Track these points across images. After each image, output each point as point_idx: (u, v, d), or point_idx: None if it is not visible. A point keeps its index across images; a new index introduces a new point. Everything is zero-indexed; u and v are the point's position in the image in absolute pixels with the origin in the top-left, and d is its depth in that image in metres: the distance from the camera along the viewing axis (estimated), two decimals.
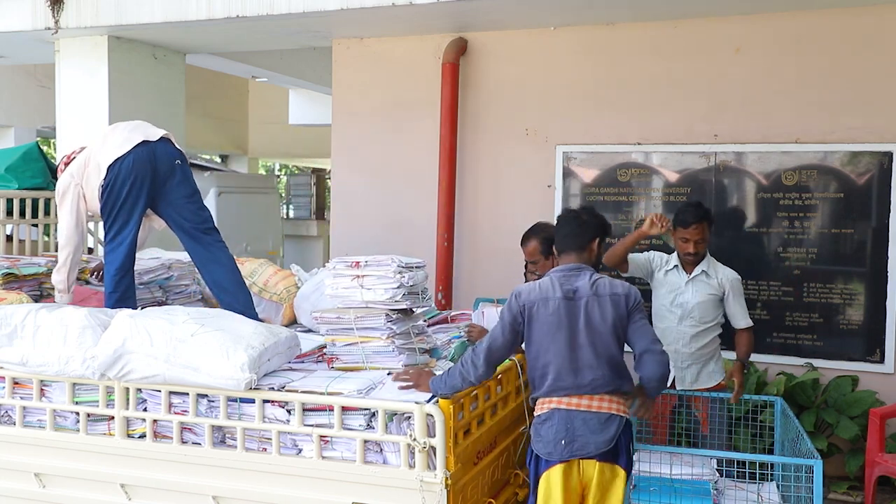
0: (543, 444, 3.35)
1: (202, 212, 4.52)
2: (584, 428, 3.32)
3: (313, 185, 10.86)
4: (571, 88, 6.27)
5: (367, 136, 6.87)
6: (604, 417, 3.34)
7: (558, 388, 3.36)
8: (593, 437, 3.31)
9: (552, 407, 3.37)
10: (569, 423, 3.33)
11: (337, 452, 3.33)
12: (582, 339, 3.38)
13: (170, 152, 4.41)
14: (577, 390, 3.35)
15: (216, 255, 4.49)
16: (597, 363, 3.37)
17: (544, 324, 3.40)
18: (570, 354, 3.37)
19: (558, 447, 3.31)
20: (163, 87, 7.50)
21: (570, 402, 3.35)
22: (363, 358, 3.69)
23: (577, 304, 3.41)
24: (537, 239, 4.44)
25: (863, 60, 5.59)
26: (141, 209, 4.34)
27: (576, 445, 3.30)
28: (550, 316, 3.39)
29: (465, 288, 6.48)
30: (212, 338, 3.45)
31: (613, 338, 3.42)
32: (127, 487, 3.59)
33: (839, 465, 5.47)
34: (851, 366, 5.67)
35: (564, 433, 3.31)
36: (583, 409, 3.34)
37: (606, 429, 3.33)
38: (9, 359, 3.70)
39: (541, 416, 3.41)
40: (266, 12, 6.06)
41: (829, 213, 5.71)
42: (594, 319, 3.40)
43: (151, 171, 4.32)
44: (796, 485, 3.71)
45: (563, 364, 3.37)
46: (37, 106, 10.30)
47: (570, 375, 3.36)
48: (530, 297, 3.43)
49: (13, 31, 6.91)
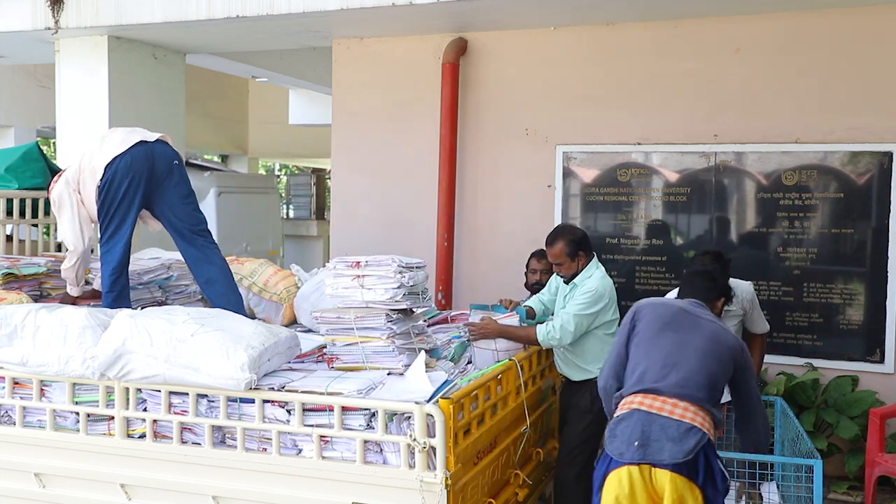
0: (616, 444, 3.22)
1: (197, 213, 4.54)
2: (662, 433, 3.16)
3: (313, 185, 10.86)
4: (571, 88, 6.27)
5: (367, 136, 6.87)
6: (684, 427, 3.16)
7: (643, 384, 3.30)
8: (669, 445, 3.13)
9: (632, 407, 3.27)
10: (646, 425, 3.19)
11: (337, 452, 3.33)
12: (694, 343, 3.36)
13: (167, 153, 4.43)
14: (662, 391, 3.24)
15: (208, 255, 4.51)
16: (697, 368, 3.29)
17: (653, 320, 3.45)
18: (675, 354, 3.32)
19: (630, 448, 3.17)
20: (163, 87, 7.50)
21: (652, 404, 3.24)
22: (363, 358, 3.69)
23: (698, 320, 3.47)
24: (563, 241, 4.38)
25: (863, 60, 5.59)
26: (137, 208, 4.35)
27: (650, 450, 3.14)
28: (662, 316, 3.45)
29: (465, 288, 6.49)
30: (212, 338, 3.45)
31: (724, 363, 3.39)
32: (127, 487, 3.59)
33: (839, 465, 5.47)
34: (851, 366, 5.67)
35: (640, 435, 3.17)
36: (664, 413, 3.19)
37: (685, 439, 3.13)
38: (9, 359, 3.70)
39: (620, 416, 3.30)
40: (266, 12, 6.06)
41: (829, 213, 5.71)
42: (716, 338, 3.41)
43: (148, 171, 4.33)
44: (796, 485, 3.71)
45: (659, 360, 3.33)
46: (37, 106, 10.30)
47: (659, 374, 3.29)
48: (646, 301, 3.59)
49: (13, 31, 6.91)
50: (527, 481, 3.98)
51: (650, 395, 3.26)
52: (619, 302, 4.85)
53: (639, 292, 6.01)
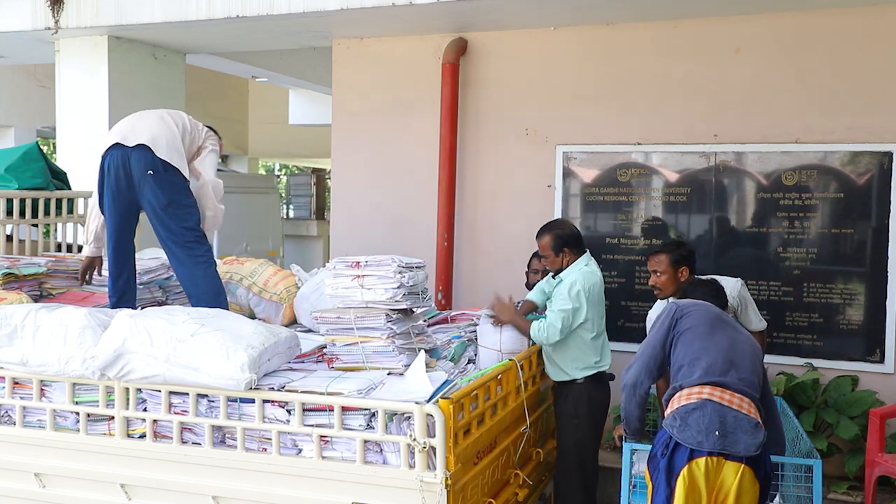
0: (693, 433, 3.20)
1: (182, 222, 4.31)
2: (736, 426, 3.22)
3: (313, 185, 10.86)
4: (571, 88, 6.27)
5: (367, 136, 6.87)
6: (753, 422, 3.26)
7: (711, 376, 3.32)
8: (744, 438, 3.20)
9: (703, 398, 3.27)
10: (722, 417, 3.22)
11: (337, 452, 3.33)
12: (741, 346, 3.46)
13: (144, 161, 4.22)
14: (731, 383, 3.31)
15: (192, 271, 4.36)
16: (751, 369, 3.40)
17: (702, 316, 3.51)
18: (731, 350, 3.40)
19: (711, 437, 3.18)
20: (163, 87, 7.50)
21: (724, 396, 3.27)
22: (363, 358, 3.69)
23: (735, 325, 3.64)
24: (550, 234, 4.44)
25: (863, 60, 5.59)
26: (113, 211, 4.30)
27: (727, 440, 3.19)
28: (709, 314, 3.53)
29: (465, 288, 6.48)
30: (212, 338, 3.45)
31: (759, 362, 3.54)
32: (127, 487, 3.59)
33: (839, 465, 5.46)
34: (851, 366, 5.66)
35: (718, 425, 3.20)
36: (734, 407, 3.26)
37: (756, 434, 3.23)
38: (9, 359, 3.70)
39: (688, 406, 3.27)
40: (266, 12, 6.06)
41: (829, 213, 5.71)
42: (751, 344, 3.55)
43: (123, 176, 4.24)
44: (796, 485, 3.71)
45: (720, 356, 3.37)
46: (37, 106, 10.31)
47: (725, 367, 3.34)
48: (687, 302, 3.67)
49: (13, 31, 6.91)
50: (527, 481, 3.98)
51: (719, 388, 3.31)
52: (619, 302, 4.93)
53: (638, 292, 6.01)
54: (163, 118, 4.45)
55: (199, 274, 4.35)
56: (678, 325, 3.53)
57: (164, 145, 4.30)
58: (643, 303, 5.95)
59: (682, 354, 3.45)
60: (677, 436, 3.24)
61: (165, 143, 4.31)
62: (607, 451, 5.22)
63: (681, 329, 3.51)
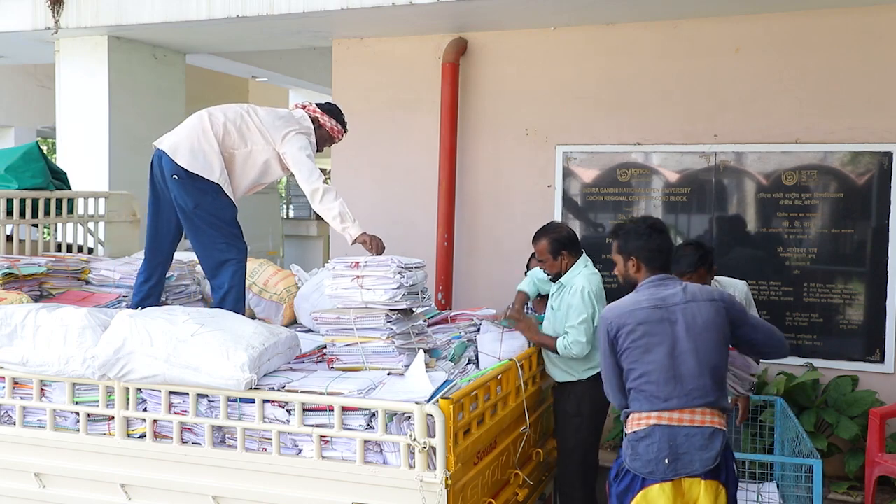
0: (643, 463, 3.17)
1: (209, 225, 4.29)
2: (688, 444, 3.14)
3: None
4: (571, 88, 6.27)
5: (367, 136, 6.87)
6: (707, 433, 3.16)
7: (657, 402, 3.19)
8: (699, 455, 3.13)
9: (651, 423, 3.19)
10: (671, 439, 3.15)
11: (337, 452, 3.33)
12: (682, 346, 3.21)
13: (168, 165, 4.24)
14: (677, 403, 3.17)
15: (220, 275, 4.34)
16: (698, 371, 3.19)
17: (635, 334, 3.23)
18: (670, 364, 3.19)
19: (661, 466, 3.13)
20: (163, 87, 7.50)
21: (672, 416, 3.17)
22: (363, 358, 3.68)
23: (671, 312, 3.25)
24: (547, 239, 4.41)
25: (863, 60, 5.59)
26: (151, 211, 4.36)
27: (680, 464, 3.13)
28: (641, 326, 3.23)
29: (465, 288, 6.48)
30: (212, 338, 3.45)
31: (717, 345, 3.25)
32: (127, 487, 3.59)
33: (839, 465, 5.47)
34: (851, 366, 5.67)
35: (668, 451, 3.13)
36: (685, 424, 3.16)
37: (711, 445, 3.15)
38: (9, 359, 3.70)
39: (638, 433, 3.21)
40: (266, 12, 6.06)
41: (829, 213, 5.71)
42: (695, 325, 3.23)
43: (160, 177, 4.31)
44: (796, 485, 3.72)
45: (662, 375, 3.19)
46: (37, 106, 10.30)
47: (670, 386, 3.18)
48: (615, 314, 3.30)
49: (13, 31, 6.92)
50: (527, 481, 3.97)
51: (666, 411, 3.19)
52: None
53: None
54: (202, 118, 4.35)
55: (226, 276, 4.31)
56: (616, 345, 3.31)
57: (185, 150, 4.23)
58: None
59: (629, 377, 3.30)
60: (629, 464, 3.22)
61: (188, 147, 4.24)
62: (607, 450, 5.22)
63: (620, 349, 3.30)
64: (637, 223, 3.50)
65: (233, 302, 4.30)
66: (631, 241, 3.43)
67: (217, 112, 4.37)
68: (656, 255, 3.38)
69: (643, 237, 3.40)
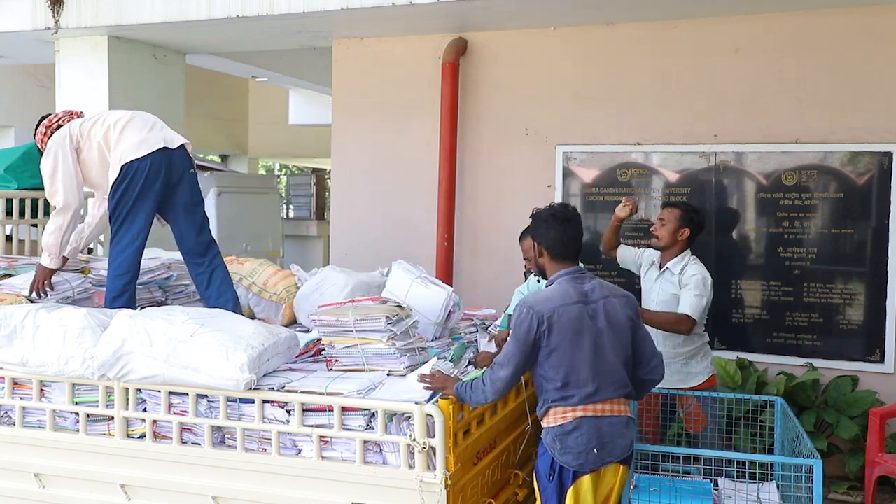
0: (573, 456, 3.25)
1: (202, 224, 4.50)
2: (612, 432, 3.27)
3: (313, 185, 10.86)
4: (571, 88, 6.27)
5: (367, 136, 6.87)
6: (624, 420, 3.33)
7: (584, 396, 3.26)
8: (620, 441, 3.29)
9: (578, 416, 3.26)
10: (598, 430, 3.26)
11: (336, 453, 3.33)
12: (604, 340, 3.30)
13: (184, 160, 4.40)
14: (601, 395, 3.28)
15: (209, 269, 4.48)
16: (617, 365, 3.32)
17: (567, 330, 3.26)
18: (594, 359, 3.27)
19: (590, 456, 3.24)
20: (163, 87, 7.50)
21: (597, 408, 3.28)
22: (363, 360, 3.68)
23: (594, 307, 3.32)
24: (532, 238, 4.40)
25: (863, 60, 5.59)
26: (145, 214, 4.31)
27: (605, 452, 3.26)
28: (573, 322, 3.26)
29: (465, 288, 6.48)
30: (211, 338, 3.45)
31: (629, 339, 3.39)
32: (127, 488, 3.59)
33: (839, 465, 5.47)
34: (851, 366, 5.66)
35: (596, 440, 3.24)
36: (608, 413, 3.29)
37: (628, 431, 3.33)
38: (8, 359, 3.70)
39: (565, 427, 3.27)
40: (266, 12, 6.06)
41: (829, 213, 5.71)
42: (613, 321, 3.33)
43: (166, 178, 4.30)
44: (796, 485, 3.71)
45: (587, 369, 3.26)
46: (37, 106, 10.27)
47: (595, 381, 3.27)
48: (548, 306, 3.27)
49: (13, 31, 6.92)
50: (527, 481, 3.97)
51: (591, 402, 3.28)
52: None
53: (639, 291, 5.99)
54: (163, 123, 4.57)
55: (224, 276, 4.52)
56: (542, 341, 3.27)
57: (189, 148, 4.51)
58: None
59: (551, 373, 3.29)
60: (559, 458, 3.29)
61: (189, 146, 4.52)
62: None
63: (548, 348, 3.27)
64: (552, 210, 3.52)
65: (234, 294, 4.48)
66: (541, 228, 3.47)
67: None
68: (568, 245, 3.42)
69: (554, 224, 3.44)
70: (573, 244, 3.44)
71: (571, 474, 3.27)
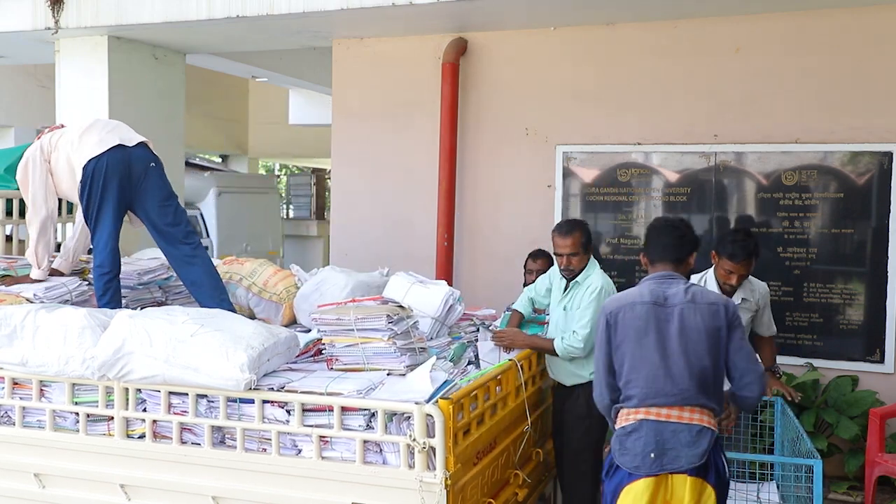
0: (630, 458, 3.20)
1: (178, 216, 4.51)
2: (675, 440, 3.16)
3: (313, 185, 10.88)
4: (571, 88, 6.27)
5: (367, 136, 6.87)
6: (695, 430, 3.18)
7: (646, 398, 3.22)
8: (685, 451, 3.15)
9: (639, 418, 3.22)
10: (658, 434, 3.18)
11: (336, 453, 3.33)
12: (673, 346, 3.24)
13: (145, 156, 4.43)
14: (666, 400, 3.20)
15: (190, 257, 4.49)
16: (688, 373, 3.22)
17: (630, 328, 3.28)
18: (661, 362, 3.23)
19: (647, 460, 3.16)
20: (163, 87, 7.50)
21: (660, 412, 3.20)
22: (364, 359, 3.67)
23: (669, 311, 3.28)
24: (580, 231, 4.35)
25: (863, 60, 5.59)
26: (114, 211, 4.34)
27: (666, 459, 3.15)
28: (637, 321, 3.28)
29: (465, 288, 6.47)
30: (211, 338, 3.44)
31: (708, 349, 3.26)
32: (127, 488, 3.59)
33: (839, 465, 5.47)
34: (851, 366, 5.67)
35: (654, 445, 3.17)
36: (673, 420, 3.19)
37: (698, 442, 3.17)
38: (8, 359, 3.69)
39: (626, 428, 3.25)
40: (266, 12, 6.06)
41: (829, 213, 5.71)
42: (689, 327, 3.26)
43: (125, 175, 4.33)
44: (796, 485, 3.71)
45: (652, 372, 3.23)
46: (37, 106, 10.29)
47: (660, 383, 3.21)
48: (615, 304, 3.37)
49: (13, 31, 6.92)
50: (527, 481, 3.97)
51: (655, 406, 3.22)
52: None
53: None
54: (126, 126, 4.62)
55: (199, 259, 4.50)
56: (613, 338, 3.36)
57: (151, 146, 4.53)
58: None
59: (619, 368, 3.33)
60: (617, 460, 3.26)
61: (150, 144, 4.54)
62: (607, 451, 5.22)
63: (616, 342, 3.34)
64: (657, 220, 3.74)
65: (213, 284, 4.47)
66: (645, 235, 3.65)
67: None
68: (660, 251, 3.48)
69: (652, 233, 3.58)
70: (665, 250, 3.48)
71: (626, 476, 3.21)
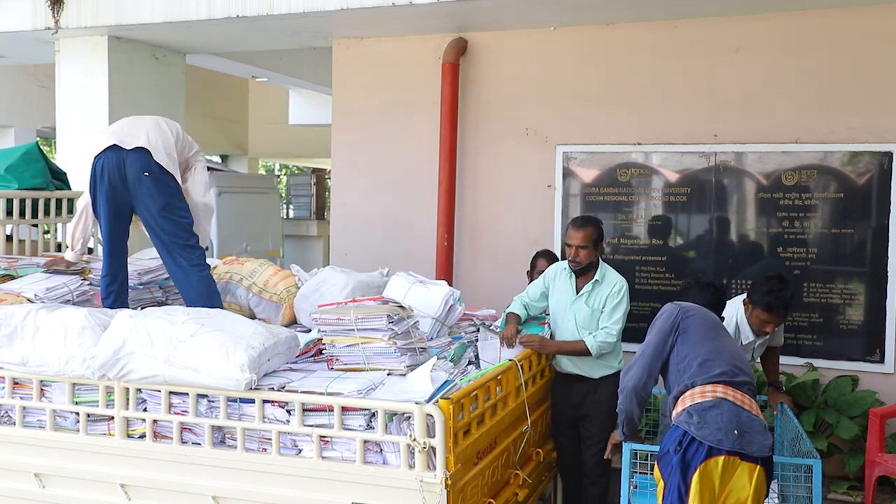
0: (713, 431, 3.22)
1: (177, 225, 4.36)
2: (751, 425, 3.27)
3: (313, 185, 10.86)
4: (571, 88, 6.27)
5: (367, 136, 6.87)
6: (763, 424, 3.33)
7: (725, 376, 3.36)
8: (759, 438, 3.26)
9: (718, 395, 3.31)
10: (737, 416, 3.27)
11: (337, 453, 3.33)
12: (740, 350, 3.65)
13: (140, 162, 4.27)
14: (740, 379, 3.38)
15: (188, 275, 4.37)
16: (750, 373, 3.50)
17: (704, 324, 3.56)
18: (734, 352, 3.50)
19: (730, 436, 3.21)
20: (163, 87, 7.50)
21: (737, 396, 3.33)
22: (364, 359, 3.68)
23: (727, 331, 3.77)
24: (593, 226, 4.48)
25: (863, 60, 5.59)
26: (106, 212, 4.31)
27: (745, 440, 3.23)
28: (713, 320, 3.61)
29: (466, 288, 6.47)
30: (212, 338, 3.45)
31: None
32: (127, 487, 3.59)
33: (839, 465, 5.47)
34: (851, 366, 5.66)
35: (736, 424, 3.24)
36: (747, 407, 3.33)
37: (767, 435, 3.30)
38: (9, 359, 3.70)
39: (704, 403, 3.30)
40: (266, 12, 6.06)
41: (829, 213, 5.71)
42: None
43: (119, 178, 4.27)
44: (796, 485, 3.71)
45: (729, 358, 3.43)
46: (37, 106, 10.30)
47: (735, 370, 3.40)
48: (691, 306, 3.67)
49: (13, 31, 6.92)
50: (527, 481, 3.98)
51: (732, 388, 3.35)
52: None
53: (639, 292, 6.00)
54: (158, 124, 4.49)
55: (194, 278, 4.38)
56: (682, 324, 3.56)
57: (161, 149, 4.36)
58: (643, 302, 5.96)
59: (690, 354, 3.47)
60: (695, 432, 3.24)
61: (162, 147, 4.37)
62: None
63: (685, 329, 3.54)
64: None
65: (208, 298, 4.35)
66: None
67: (166, 121, 4.57)
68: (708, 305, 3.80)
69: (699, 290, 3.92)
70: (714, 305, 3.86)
71: (705, 451, 3.22)
